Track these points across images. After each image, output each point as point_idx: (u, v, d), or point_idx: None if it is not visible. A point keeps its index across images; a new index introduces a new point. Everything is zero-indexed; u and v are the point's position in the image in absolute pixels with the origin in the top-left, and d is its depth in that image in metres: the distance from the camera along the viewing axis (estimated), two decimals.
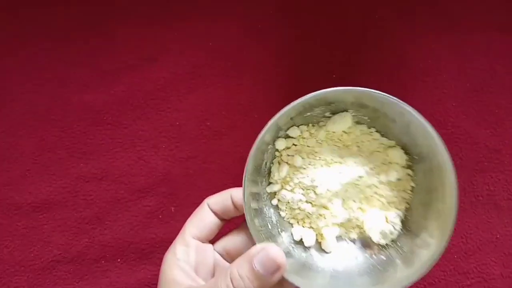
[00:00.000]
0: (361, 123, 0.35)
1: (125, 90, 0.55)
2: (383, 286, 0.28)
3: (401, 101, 0.32)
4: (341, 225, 0.33)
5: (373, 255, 0.32)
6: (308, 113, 0.34)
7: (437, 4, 0.55)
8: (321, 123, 0.34)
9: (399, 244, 0.32)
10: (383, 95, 0.32)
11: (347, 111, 0.35)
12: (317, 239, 0.33)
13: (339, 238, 0.33)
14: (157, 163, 0.55)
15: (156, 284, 0.54)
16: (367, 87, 0.37)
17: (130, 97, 0.55)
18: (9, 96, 0.55)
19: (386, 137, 0.34)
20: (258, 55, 0.55)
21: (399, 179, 0.33)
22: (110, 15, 0.56)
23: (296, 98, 0.28)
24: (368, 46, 0.55)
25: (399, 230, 0.32)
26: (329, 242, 0.32)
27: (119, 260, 0.54)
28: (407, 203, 0.33)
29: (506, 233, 0.54)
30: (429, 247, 0.29)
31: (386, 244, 0.32)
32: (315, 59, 0.55)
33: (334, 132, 0.34)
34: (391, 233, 0.32)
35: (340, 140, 0.34)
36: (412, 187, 0.33)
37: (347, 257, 0.32)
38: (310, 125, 0.35)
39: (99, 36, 0.56)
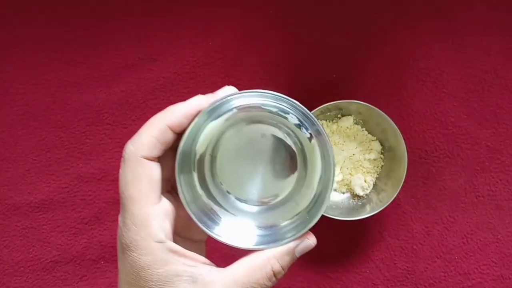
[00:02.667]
0: (357, 124, 0.53)
1: (124, 90, 0.55)
2: (357, 216, 0.49)
3: (383, 112, 0.48)
4: (337, 182, 0.53)
5: (354, 202, 0.52)
6: (328, 113, 0.52)
7: (438, 5, 0.55)
8: (334, 121, 0.54)
9: (370, 197, 0.52)
10: (373, 108, 0.49)
11: (350, 115, 0.53)
12: None
13: (335, 190, 0.53)
14: None
15: None
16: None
17: (129, 97, 0.55)
18: (8, 96, 0.55)
19: (371, 134, 0.53)
20: (258, 55, 0.55)
21: (375, 159, 0.53)
22: (110, 15, 0.56)
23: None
24: (369, 46, 0.55)
25: (371, 188, 0.52)
26: None
27: None
28: (378, 173, 0.53)
29: (507, 233, 0.53)
30: (385, 200, 0.49)
31: (363, 195, 0.52)
32: (315, 59, 0.55)
33: (341, 126, 0.53)
34: (367, 189, 0.52)
35: (344, 132, 0.53)
36: (382, 165, 0.53)
37: (339, 201, 0.53)
38: (328, 120, 0.53)
39: (98, 36, 0.56)
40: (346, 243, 0.54)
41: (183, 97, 0.55)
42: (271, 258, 0.30)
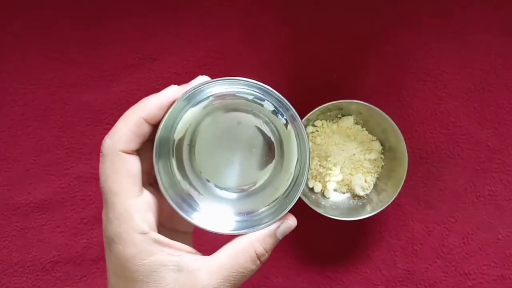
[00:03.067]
0: (358, 124, 0.53)
1: (124, 90, 0.55)
2: (357, 216, 0.48)
3: (383, 112, 0.48)
4: (338, 182, 0.52)
5: (354, 202, 0.52)
6: (328, 113, 0.52)
7: (438, 4, 0.55)
8: (334, 121, 0.53)
9: (370, 197, 0.52)
10: (373, 108, 0.48)
11: (350, 115, 0.53)
12: (321, 189, 0.52)
13: (335, 190, 0.52)
14: None
15: None
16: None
17: (129, 97, 0.55)
18: (8, 96, 0.55)
19: (371, 134, 0.53)
20: (258, 55, 0.55)
21: (375, 159, 0.53)
22: (110, 15, 0.56)
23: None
24: (369, 46, 0.55)
25: (371, 188, 0.52)
26: (329, 191, 0.52)
27: None
28: (378, 173, 0.53)
29: (508, 234, 0.53)
30: (386, 200, 0.49)
31: (363, 196, 0.52)
32: (315, 59, 0.55)
33: (342, 126, 0.53)
34: (367, 189, 0.52)
35: (345, 132, 0.53)
36: (382, 165, 0.53)
37: (339, 201, 0.52)
38: (328, 120, 0.53)
39: (98, 36, 0.56)
40: (346, 243, 0.54)
41: None
42: (254, 242, 0.31)
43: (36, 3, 0.56)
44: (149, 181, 0.32)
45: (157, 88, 0.55)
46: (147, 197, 0.30)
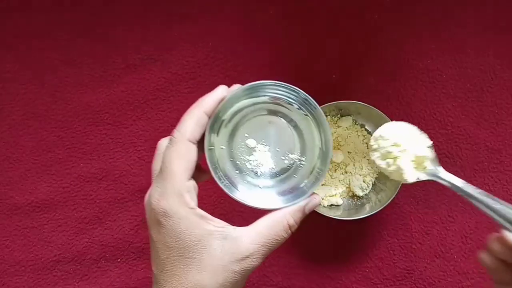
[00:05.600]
0: (357, 124, 0.53)
1: (125, 90, 0.55)
2: (356, 216, 0.50)
3: (382, 113, 0.49)
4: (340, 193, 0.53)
5: (353, 202, 0.53)
6: (327, 114, 0.53)
7: (437, 5, 0.55)
8: (335, 120, 0.54)
9: (369, 197, 0.53)
10: (372, 108, 0.50)
11: (350, 115, 0.53)
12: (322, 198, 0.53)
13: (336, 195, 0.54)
14: None
15: None
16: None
17: (130, 97, 0.55)
18: (9, 97, 0.55)
19: (370, 134, 0.53)
20: (258, 55, 0.55)
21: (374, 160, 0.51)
22: (110, 15, 0.56)
23: None
24: (368, 46, 0.55)
25: (370, 188, 0.53)
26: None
27: (119, 260, 0.54)
28: (377, 174, 0.53)
29: None
30: (384, 200, 0.50)
31: (362, 196, 0.53)
32: (315, 59, 0.55)
33: (341, 127, 0.53)
34: (366, 189, 0.53)
35: (344, 132, 0.53)
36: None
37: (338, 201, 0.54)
38: (328, 120, 0.52)
39: (99, 37, 0.56)
40: (346, 243, 0.54)
41: (184, 97, 0.55)
42: (287, 214, 0.37)
43: (37, 3, 0.56)
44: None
45: (157, 88, 0.55)
46: (193, 181, 0.36)
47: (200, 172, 0.38)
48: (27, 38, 0.56)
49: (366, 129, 0.53)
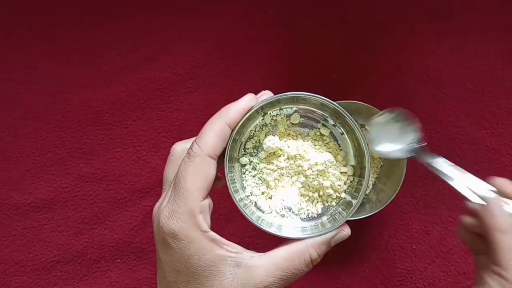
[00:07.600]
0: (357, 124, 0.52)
1: (125, 90, 0.55)
2: (356, 216, 0.48)
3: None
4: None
5: None
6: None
7: (438, 5, 0.55)
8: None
9: (369, 197, 0.52)
10: (373, 108, 0.49)
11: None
12: None
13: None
14: (157, 163, 0.55)
15: (155, 284, 0.54)
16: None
17: (130, 97, 0.55)
18: (9, 96, 0.55)
19: None
20: (258, 56, 0.55)
21: (374, 159, 0.53)
22: (110, 15, 0.56)
23: None
24: (368, 46, 0.55)
25: (371, 188, 0.52)
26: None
27: (118, 260, 0.54)
28: (377, 173, 0.53)
29: None
30: (384, 200, 0.49)
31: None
32: (315, 59, 0.55)
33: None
34: (367, 189, 0.49)
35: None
36: (381, 165, 0.53)
37: None
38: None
39: (98, 36, 0.56)
40: (346, 243, 0.54)
41: (183, 97, 0.55)
42: (309, 247, 0.34)
43: (37, 3, 0.56)
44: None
45: (157, 88, 0.55)
46: (209, 200, 0.33)
47: (215, 179, 0.34)
48: (27, 38, 0.56)
49: (366, 129, 0.53)
